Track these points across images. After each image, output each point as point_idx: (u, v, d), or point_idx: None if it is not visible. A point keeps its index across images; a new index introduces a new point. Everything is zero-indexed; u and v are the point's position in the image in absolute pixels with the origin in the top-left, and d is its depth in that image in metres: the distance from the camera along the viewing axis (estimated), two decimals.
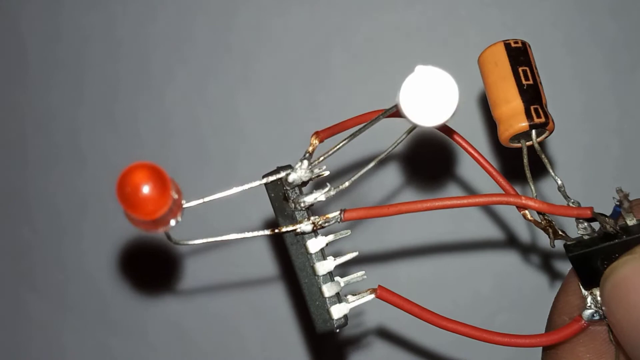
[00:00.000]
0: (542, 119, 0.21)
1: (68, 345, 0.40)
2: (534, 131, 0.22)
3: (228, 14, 0.38)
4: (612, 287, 0.20)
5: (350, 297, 0.20)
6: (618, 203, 0.21)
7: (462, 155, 0.23)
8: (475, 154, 0.23)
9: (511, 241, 0.36)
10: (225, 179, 0.38)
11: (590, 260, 0.21)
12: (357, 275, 0.21)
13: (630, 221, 0.21)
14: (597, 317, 0.21)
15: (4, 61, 0.41)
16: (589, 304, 0.21)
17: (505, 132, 0.22)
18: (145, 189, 0.16)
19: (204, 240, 0.19)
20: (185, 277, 0.39)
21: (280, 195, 0.20)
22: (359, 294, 0.20)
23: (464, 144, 0.23)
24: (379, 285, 0.20)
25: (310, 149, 0.19)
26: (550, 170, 0.22)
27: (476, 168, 0.23)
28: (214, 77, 0.38)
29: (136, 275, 0.40)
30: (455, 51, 0.36)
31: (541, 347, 0.23)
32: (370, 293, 0.20)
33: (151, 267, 0.39)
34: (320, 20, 0.37)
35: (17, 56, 0.41)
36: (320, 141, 0.20)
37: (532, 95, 0.22)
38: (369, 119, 0.20)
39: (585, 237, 0.22)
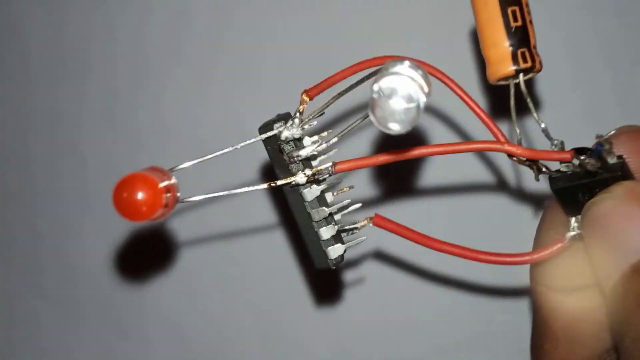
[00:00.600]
0: (529, 64, 0.22)
1: (68, 345, 0.41)
2: (521, 74, 0.22)
3: (228, 14, 0.38)
4: (589, 223, 0.21)
5: (346, 234, 0.22)
6: (599, 143, 0.21)
7: (451, 96, 0.24)
8: (464, 96, 0.23)
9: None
10: (225, 178, 0.38)
11: (573, 192, 0.22)
12: (353, 207, 0.22)
13: (611, 159, 0.22)
14: (579, 238, 0.22)
15: (5, 61, 0.41)
16: (572, 226, 0.22)
17: (493, 75, 0.23)
18: (136, 197, 0.18)
19: (205, 196, 0.20)
20: (186, 276, 0.40)
21: (277, 148, 0.20)
22: (357, 223, 0.22)
23: (452, 85, 0.23)
24: (376, 214, 0.21)
25: (301, 107, 0.20)
26: (534, 113, 0.22)
27: (466, 109, 0.24)
28: (214, 78, 0.38)
29: (136, 275, 0.40)
30: (455, 51, 0.36)
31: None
32: (368, 222, 0.22)
33: (151, 266, 0.40)
34: (320, 21, 0.37)
35: (18, 56, 0.41)
36: (310, 99, 0.20)
37: (519, 39, 0.22)
38: (356, 71, 0.20)
39: (568, 172, 0.22)
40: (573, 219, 0.22)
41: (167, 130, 0.39)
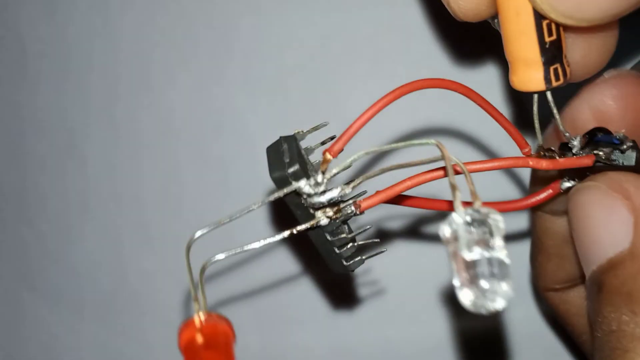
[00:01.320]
0: (561, 81, 0.21)
1: (67, 345, 0.41)
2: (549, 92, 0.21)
3: (228, 14, 0.37)
4: (572, 208, 0.22)
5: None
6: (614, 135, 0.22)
7: (472, 107, 0.22)
8: (487, 107, 0.22)
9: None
10: (225, 180, 0.38)
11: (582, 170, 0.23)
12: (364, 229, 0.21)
13: (624, 147, 0.22)
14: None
15: (4, 61, 0.41)
16: (567, 178, 0.23)
17: (520, 88, 0.21)
18: None
19: (229, 253, 0.19)
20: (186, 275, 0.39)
21: (293, 193, 0.19)
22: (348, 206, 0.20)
23: (472, 95, 0.22)
24: (359, 200, 0.20)
25: (323, 167, 0.19)
26: (560, 125, 0.22)
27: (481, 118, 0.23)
28: (215, 78, 0.38)
29: (136, 275, 0.40)
30: (455, 51, 0.35)
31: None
32: (357, 209, 0.20)
33: (151, 265, 0.40)
34: (321, 21, 0.36)
35: (17, 56, 0.40)
36: (334, 156, 0.19)
37: (553, 54, 0.20)
38: (372, 116, 0.19)
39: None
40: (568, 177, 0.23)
41: (169, 131, 0.39)
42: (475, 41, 0.34)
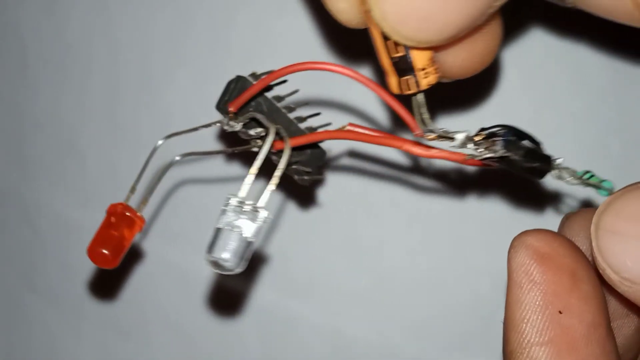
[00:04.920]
0: (411, 90, 0.23)
1: (68, 345, 0.42)
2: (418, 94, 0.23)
3: (228, 14, 0.38)
4: (507, 270, 0.21)
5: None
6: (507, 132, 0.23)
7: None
8: (380, 92, 0.23)
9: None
10: (225, 178, 0.39)
11: None
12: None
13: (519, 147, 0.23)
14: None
15: (4, 61, 0.42)
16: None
17: (388, 88, 0.24)
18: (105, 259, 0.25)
19: (196, 152, 0.26)
20: (186, 275, 0.40)
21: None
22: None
23: (364, 80, 0.23)
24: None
25: (229, 117, 0.24)
26: (429, 124, 0.23)
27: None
28: (215, 78, 0.32)
29: (136, 274, 0.41)
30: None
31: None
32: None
33: (149, 262, 0.41)
34: (320, 20, 0.37)
35: (17, 56, 0.41)
36: (235, 110, 0.24)
37: (402, 68, 0.22)
38: (267, 82, 0.24)
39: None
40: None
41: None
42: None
